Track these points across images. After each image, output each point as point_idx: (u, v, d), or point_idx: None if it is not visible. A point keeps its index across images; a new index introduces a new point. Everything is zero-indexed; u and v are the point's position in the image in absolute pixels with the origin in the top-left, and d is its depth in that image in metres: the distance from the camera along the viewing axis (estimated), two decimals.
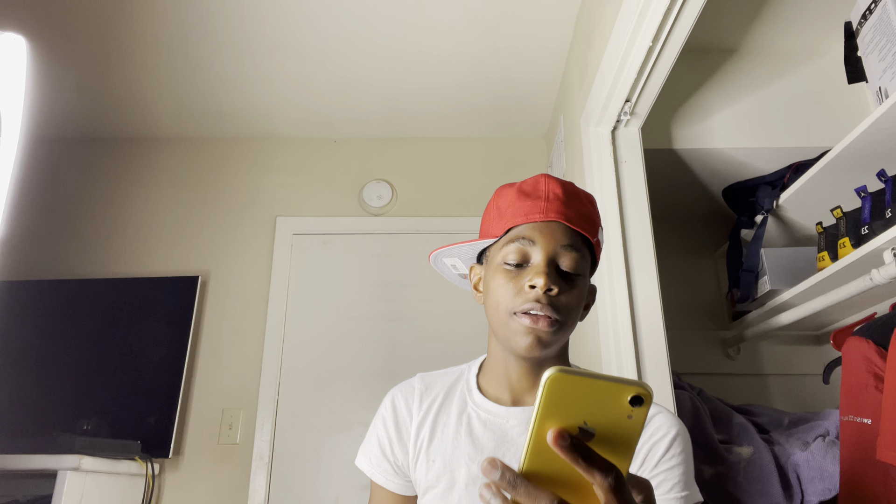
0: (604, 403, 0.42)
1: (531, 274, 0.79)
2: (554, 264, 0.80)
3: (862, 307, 1.77)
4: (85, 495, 1.74)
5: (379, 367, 2.31)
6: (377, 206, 2.54)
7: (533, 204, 0.82)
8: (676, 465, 0.80)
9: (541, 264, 0.79)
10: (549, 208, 0.82)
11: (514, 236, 0.82)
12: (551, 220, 0.81)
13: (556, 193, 0.83)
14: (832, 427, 1.55)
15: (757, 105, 1.94)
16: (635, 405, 0.42)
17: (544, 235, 0.81)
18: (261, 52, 2.16)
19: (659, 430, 0.81)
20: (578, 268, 0.81)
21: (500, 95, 2.41)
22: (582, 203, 0.85)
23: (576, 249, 0.81)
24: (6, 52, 1.03)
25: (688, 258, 2.34)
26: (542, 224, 0.81)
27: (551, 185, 0.84)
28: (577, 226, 0.82)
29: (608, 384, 0.42)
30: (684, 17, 1.32)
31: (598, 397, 0.42)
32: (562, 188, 0.84)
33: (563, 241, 0.81)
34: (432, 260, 0.96)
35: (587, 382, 0.42)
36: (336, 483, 2.15)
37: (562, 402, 0.42)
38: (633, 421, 0.43)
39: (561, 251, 0.80)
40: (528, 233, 0.81)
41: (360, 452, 0.96)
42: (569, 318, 0.80)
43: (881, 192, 1.49)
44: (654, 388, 1.45)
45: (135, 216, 2.53)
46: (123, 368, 2.20)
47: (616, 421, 0.43)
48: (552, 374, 0.42)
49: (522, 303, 0.78)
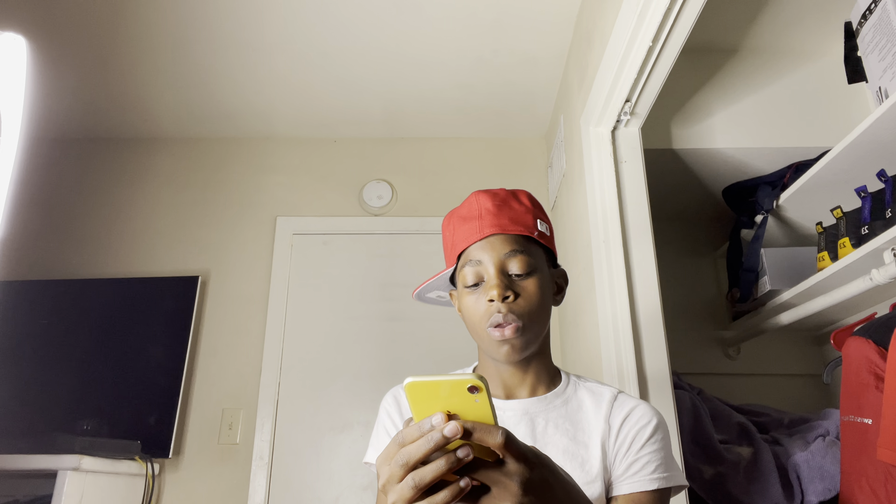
0: (454, 395, 0.54)
1: (487, 288, 0.87)
2: (505, 273, 0.88)
3: (862, 307, 1.77)
4: (85, 495, 1.74)
5: (379, 367, 2.31)
6: (377, 206, 2.54)
7: (470, 226, 0.91)
8: (658, 448, 0.87)
9: (492, 277, 0.87)
10: (483, 225, 0.90)
11: (465, 260, 0.91)
12: (488, 235, 0.89)
13: (487, 208, 0.91)
14: (832, 427, 1.55)
15: (757, 105, 1.94)
16: (474, 392, 0.53)
17: (486, 251, 0.89)
18: (261, 52, 2.16)
19: (643, 419, 0.89)
20: (528, 266, 0.88)
21: (499, 95, 2.41)
22: (512, 208, 0.92)
23: (520, 252, 0.88)
24: (6, 52, 1.03)
25: (688, 258, 2.35)
26: (483, 241, 0.89)
27: (482, 202, 0.92)
28: (512, 230, 0.89)
29: (449, 381, 0.54)
30: (684, 17, 1.32)
31: (447, 392, 0.54)
32: (491, 200, 0.92)
33: (504, 249, 0.88)
34: (416, 298, 1.05)
35: (435, 383, 0.54)
36: (336, 483, 2.15)
37: (424, 399, 0.55)
38: (481, 404, 0.54)
39: (506, 259, 0.88)
40: (474, 253, 0.89)
41: (371, 447, 0.98)
42: (534, 316, 0.87)
43: (881, 192, 1.49)
44: (655, 387, 1.45)
45: (135, 216, 2.53)
46: (123, 368, 2.20)
47: (469, 406, 0.54)
48: (407, 383, 0.54)
49: (488, 318, 0.86)
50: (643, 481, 0.84)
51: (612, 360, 1.51)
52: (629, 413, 0.89)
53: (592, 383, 0.96)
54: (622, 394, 0.93)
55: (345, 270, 2.45)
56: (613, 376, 1.49)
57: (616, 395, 0.92)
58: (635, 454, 0.85)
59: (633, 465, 0.85)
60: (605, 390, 0.94)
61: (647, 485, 0.84)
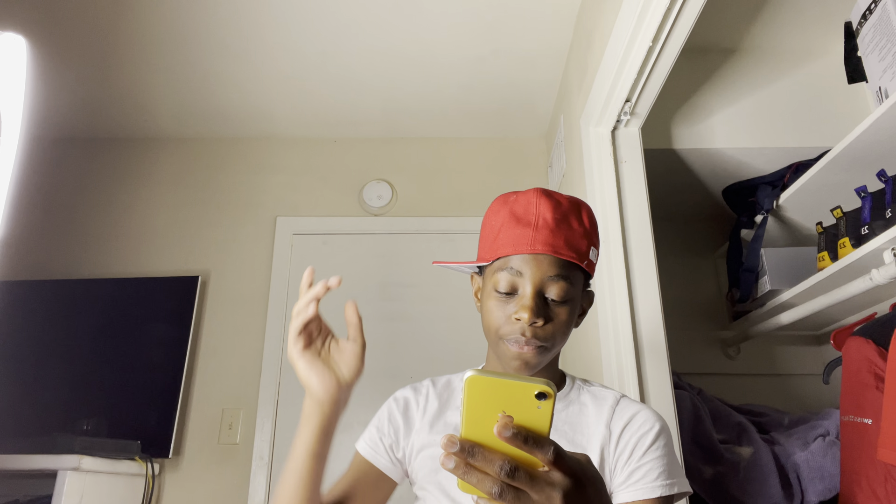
0: (515, 398, 0.51)
1: (518, 306, 0.82)
2: (541, 295, 0.83)
3: (862, 307, 1.77)
4: (85, 495, 1.74)
5: (379, 367, 2.30)
6: (377, 206, 2.54)
7: (522, 233, 0.84)
8: (661, 455, 0.84)
9: (527, 297, 0.82)
10: (537, 239, 0.83)
11: (504, 265, 0.84)
12: (538, 253, 0.83)
13: (546, 220, 0.84)
14: (832, 427, 1.55)
15: (757, 105, 1.94)
16: (541, 399, 0.50)
17: (531, 267, 0.83)
18: (261, 52, 2.16)
19: (645, 424, 0.86)
20: (566, 295, 0.84)
21: (499, 95, 2.41)
22: (571, 227, 0.85)
23: (563, 278, 0.83)
24: (6, 52, 1.03)
25: (688, 258, 2.34)
26: (530, 256, 0.83)
27: (542, 209, 0.85)
28: (564, 255, 0.83)
29: (517, 383, 0.51)
30: (684, 17, 1.32)
31: (510, 394, 0.51)
32: (552, 211, 0.85)
33: (550, 272, 0.83)
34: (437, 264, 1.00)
35: (500, 382, 0.51)
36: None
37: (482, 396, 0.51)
38: (543, 411, 0.51)
39: (548, 282, 0.83)
40: (517, 264, 0.83)
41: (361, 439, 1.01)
42: (556, 340, 0.85)
43: (881, 192, 1.49)
44: (654, 388, 1.45)
45: (135, 216, 2.53)
46: (123, 368, 2.20)
47: (529, 412, 0.51)
48: (469, 375, 0.51)
49: (509, 332, 0.83)
50: (645, 489, 0.82)
51: (612, 361, 1.51)
52: (630, 419, 0.87)
53: (596, 387, 0.94)
54: (625, 398, 0.91)
55: (345, 270, 2.45)
56: (613, 376, 1.49)
57: (618, 400, 0.90)
58: (637, 462, 0.84)
59: (635, 472, 0.83)
60: (607, 394, 0.92)
61: (648, 492, 0.82)
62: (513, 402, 0.51)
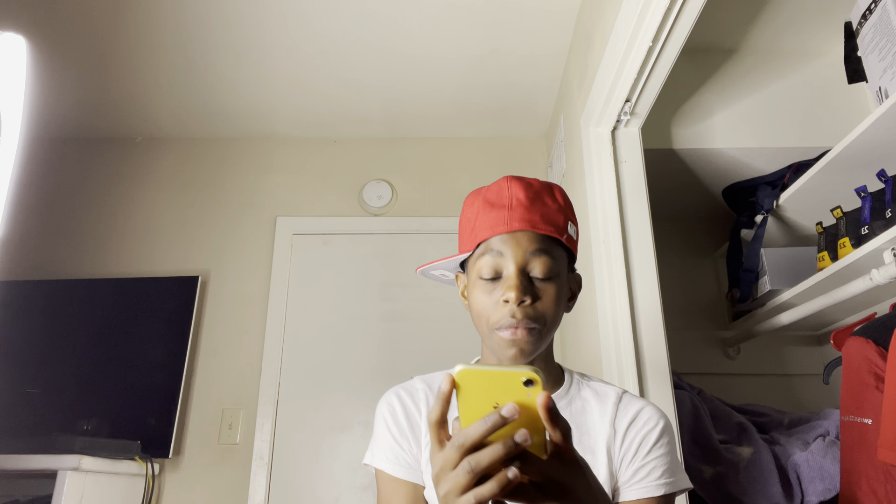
0: (506, 388, 0.52)
1: (504, 287, 0.82)
2: (525, 273, 0.82)
3: (862, 307, 1.77)
4: (85, 495, 1.74)
5: (379, 367, 2.31)
6: (377, 206, 2.54)
7: (497, 215, 0.84)
8: (665, 453, 0.85)
9: (512, 276, 0.81)
10: (513, 217, 0.83)
11: (485, 249, 0.84)
12: (516, 230, 0.83)
13: (519, 199, 0.84)
14: (832, 427, 1.55)
15: (757, 105, 1.94)
16: (529, 386, 0.52)
17: (511, 246, 0.82)
18: (261, 52, 2.16)
19: (649, 422, 0.87)
20: (550, 271, 0.83)
21: (499, 95, 2.41)
22: (545, 203, 0.86)
23: (545, 253, 0.83)
24: (6, 52, 1.03)
25: (688, 258, 2.35)
26: (508, 235, 0.83)
27: (514, 191, 0.85)
28: (542, 230, 0.83)
29: (504, 372, 0.52)
30: (684, 17, 1.32)
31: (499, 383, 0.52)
32: (525, 191, 0.85)
33: (530, 247, 0.82)
34: (420, 274, 1.00)
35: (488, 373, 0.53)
36: (336, 483, 2.15)
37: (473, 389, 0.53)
38: (533, 398, 0.52)
39: (531, 258, 0.82)
40: (497, 245, 0.83)
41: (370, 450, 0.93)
42: (548, 321, 0.84)
43: (881, 192, 1.49)
44: (655, 388, 1.45)
45: (135, 216, 2.53)
46: (123, 368, 2.20)
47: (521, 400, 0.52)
48: (458, 370, 0.53)
49: (500, 318, 0.82)
50: (649, 487, 0.82)
51: (612, 361, 1.51)
52: (635, 416, 0.87)
53: (596, 383, 0.93)
54: (627, 394, 0.91)
55: (345, 270, 2.45)
56: (613, 376, 1.49)
57: (621, 397, 0.90)
58: (642, 460, 0.84)
59: (640, 470, 0.83)
60: (609, 391, 0.91)
61: (653, 491, 0.82)
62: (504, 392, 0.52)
